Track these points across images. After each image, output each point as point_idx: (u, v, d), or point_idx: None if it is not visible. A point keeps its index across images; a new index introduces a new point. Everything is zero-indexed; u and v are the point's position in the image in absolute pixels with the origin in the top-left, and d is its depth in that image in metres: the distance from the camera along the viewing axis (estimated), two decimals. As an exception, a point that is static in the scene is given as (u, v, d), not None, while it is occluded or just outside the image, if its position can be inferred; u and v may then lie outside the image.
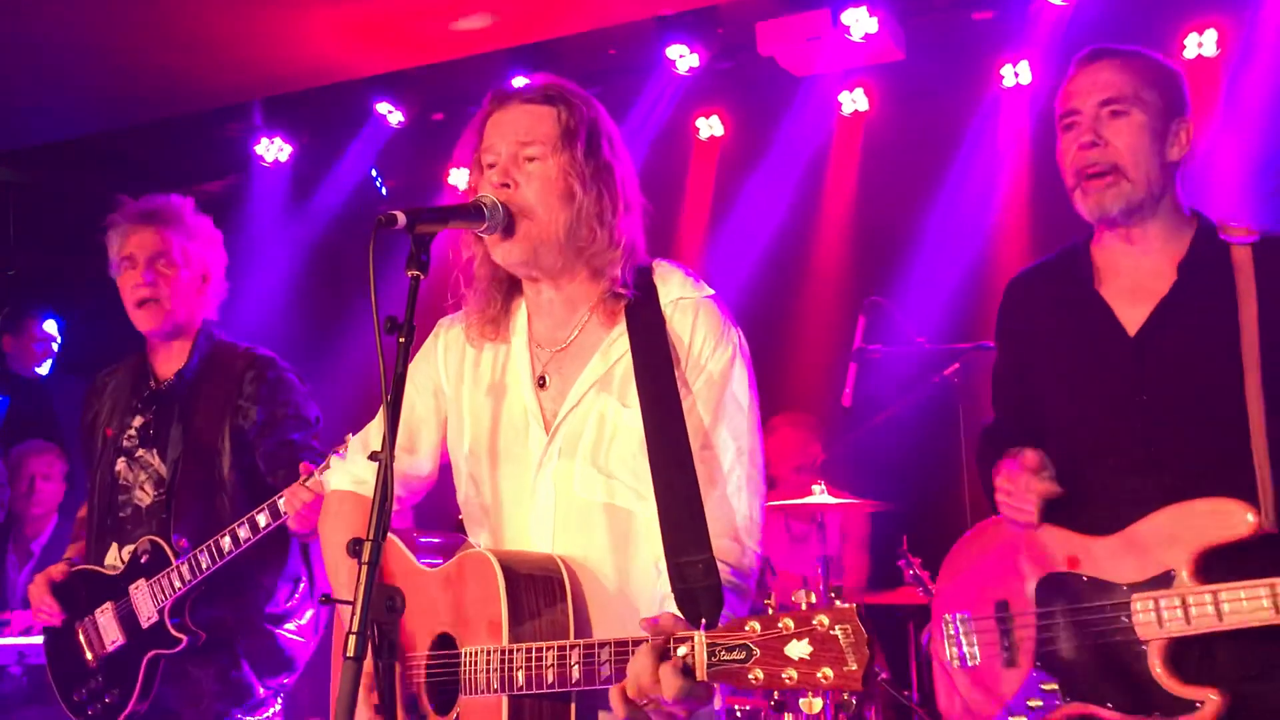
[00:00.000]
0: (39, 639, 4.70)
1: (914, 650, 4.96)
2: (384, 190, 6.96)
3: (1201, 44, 5.50)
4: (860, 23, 5.47)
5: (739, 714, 4.28)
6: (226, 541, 3.22)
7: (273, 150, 6.76)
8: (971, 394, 5.29)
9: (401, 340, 2.01)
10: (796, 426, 5.79)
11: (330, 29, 5.78)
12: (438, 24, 5.78)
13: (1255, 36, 5.42)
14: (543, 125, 2.21)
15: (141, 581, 3.35)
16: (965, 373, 5.15)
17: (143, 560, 3.37)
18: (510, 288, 2.34)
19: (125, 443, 3.53)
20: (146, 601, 3.34)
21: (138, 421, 3.53)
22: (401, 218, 2.03)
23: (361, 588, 1.88)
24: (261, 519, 3.17)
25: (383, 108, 6.38)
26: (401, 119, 6.43)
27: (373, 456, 1.98)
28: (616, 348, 2.23)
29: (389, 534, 2.28)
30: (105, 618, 3.44)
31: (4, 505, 4.70)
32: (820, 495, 4.73)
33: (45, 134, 6.83)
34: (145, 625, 3.35)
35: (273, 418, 3.45)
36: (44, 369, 6.19)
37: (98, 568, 3.49)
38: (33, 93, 6.29)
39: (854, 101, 6.09)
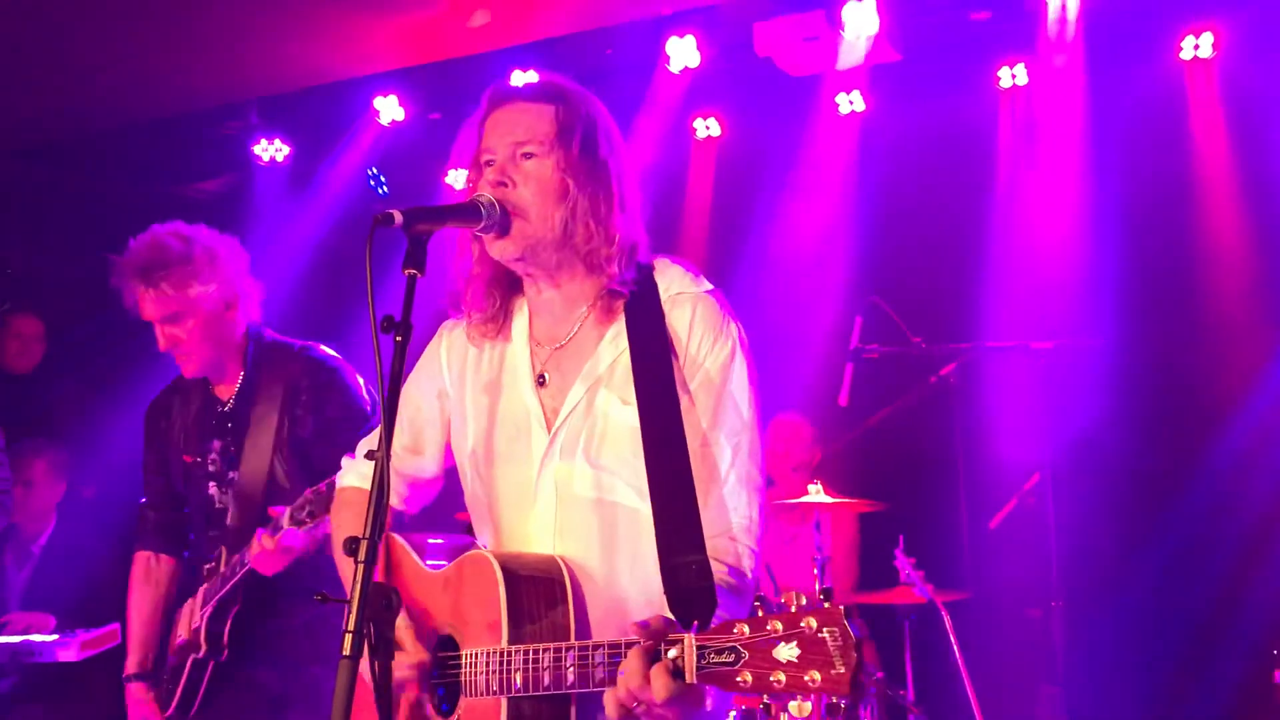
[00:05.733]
0: (39, 638, 4.72)
1: (909, 650, 4.97)
2: (383, 189, 6.96)
3: (1198, 46, 5.53)
4: (857, 18, 5.47)
5: (736, 714, 4.28)
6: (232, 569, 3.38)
7: (270, 150, 6.77)
8: (967, 394, 5.31)
9: (398, 339, 2.00)
10: (795, 426, 5.79)
11: (327, 28, 5.78)
12: (435, 23, 5.78)
13: (1251, 39, 5.44)
14: (540, 123, 2.22)
15: (203, 587, 3.52)
16: (961, 373, 5.16)
17: (207, 569, 3.54)
18: (510, 287, 2.34)
19: (211, 468, 3.60)
20: (198, 608, 3.49)
21: (217, 445, 3.59)
22: (398, 217, 2.03)
23: (357, 586, 1.88)
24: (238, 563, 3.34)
25: (380, 106, 6.38)
26: (398, 118, 6.43)
27: (369, 455, 1.98)
28: (615, 345, 2.23)
29: (395, 536, 2.34)
30: (185, 612, 3.59)
31: (8, 509, 4.70)
32: (817, 495, 4.74)
33: (41, 133, 6.82)
34: (193, 627, 3.48)
35: (326, 425, 3.48)
36: (30, 367, 6.17)
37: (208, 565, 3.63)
38: (29, 92, 6.29)
39: (851, 102, 6.10)
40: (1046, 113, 5.76)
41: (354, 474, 2.54)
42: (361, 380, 3.59)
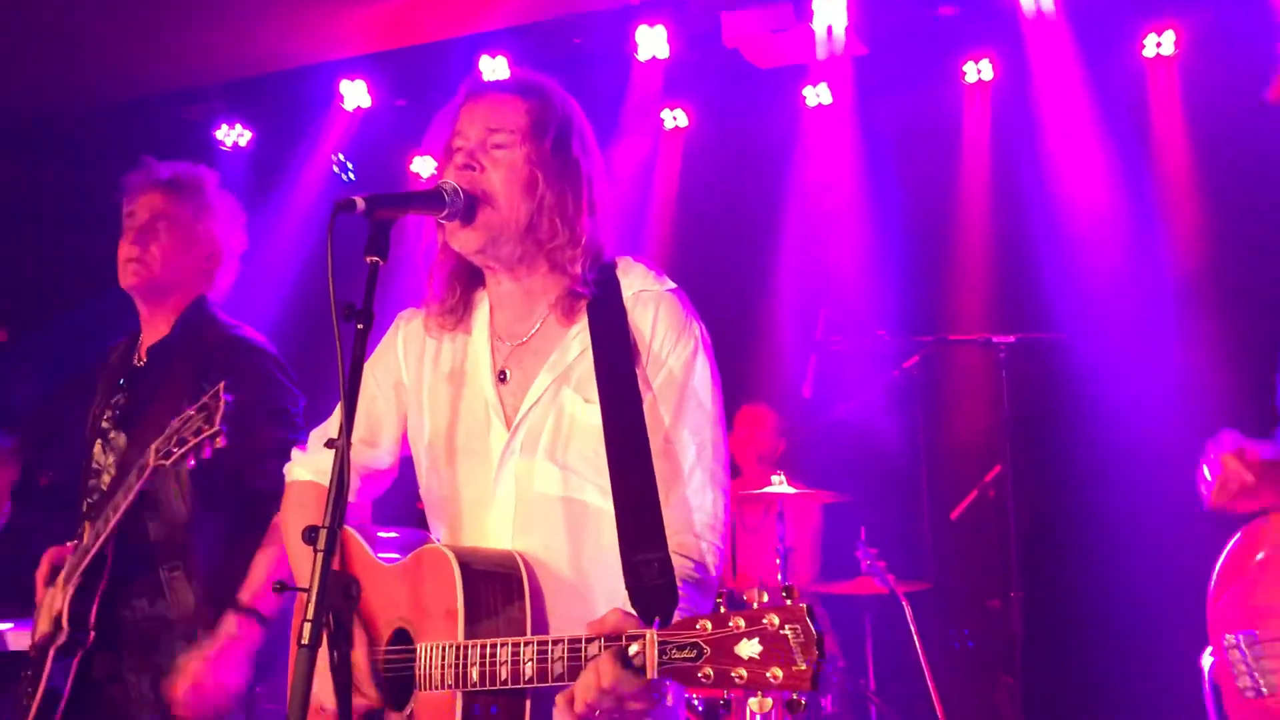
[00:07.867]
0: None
1: (870, 639, 5.01)
2: (349, 175, 6.90)
3: (1160, 44, 5.59)
4: (826, 11, 5.49)
5: (697, 704, 4.30)
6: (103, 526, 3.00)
7: (232, 135, 6.70)
8: (931, 386, 5.35)
9: (360, 327, 1.98)
10: (760, 416, 5.81)
11: (293, 13, 5.72)
12: (401, 10, 5.74)
13: (1213, 37, 5.50)
14: (514, 115, 2.20)
15: (64, 568, 3.19)
16: (925, 365, 5.20)
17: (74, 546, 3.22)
18: (472, 279, 2.32)
19: (104, 424, 3.36)
20: (59, 593, 3.14)
21: (116, 401, 3.36)
22: (360, 203, 2.01)
23: (316, 575, 1.86)
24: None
25: (346, 91, 6.33)
26: (364, 104, 6.38)
27: (329, 444, 1.96)
28: (577, 343, 2.21)
29: (348, 528, 2.29)
30: (44, 602, 3.26)
31: None
32: (780, 486, 4.76)
33: (-1, 115, 6.71)
34: (54, 612, 3.13)
35: (236, 406, 3.12)
36: None
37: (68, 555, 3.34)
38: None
39: (817, 95, 6.11)
40: (1011, 108, 5.81)
41: (307, 467, 2.47)
42: (290, 377, 3.32)
